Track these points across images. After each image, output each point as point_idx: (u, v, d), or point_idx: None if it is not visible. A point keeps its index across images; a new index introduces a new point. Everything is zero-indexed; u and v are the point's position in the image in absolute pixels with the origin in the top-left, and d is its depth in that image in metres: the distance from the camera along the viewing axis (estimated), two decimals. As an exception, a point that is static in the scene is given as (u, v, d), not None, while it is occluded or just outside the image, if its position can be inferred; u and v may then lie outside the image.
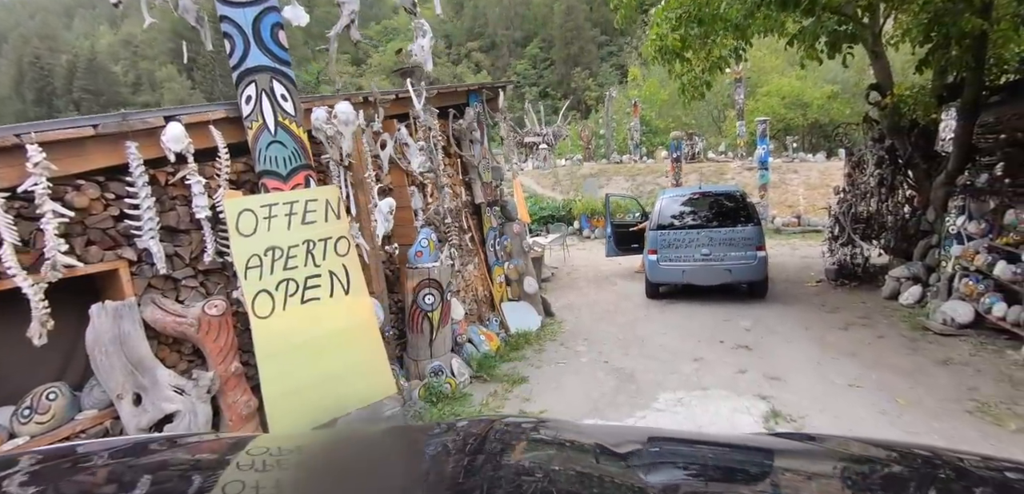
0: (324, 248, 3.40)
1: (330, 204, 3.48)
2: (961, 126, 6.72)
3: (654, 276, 7.75)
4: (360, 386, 3.45)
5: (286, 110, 3.32)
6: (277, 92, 3.28)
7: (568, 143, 24.15)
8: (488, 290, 6.62)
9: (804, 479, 0.94)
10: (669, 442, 1.15)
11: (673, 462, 1.01)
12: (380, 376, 3.51)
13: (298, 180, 3.38)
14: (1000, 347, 4.88)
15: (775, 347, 5.41)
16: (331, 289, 3.40)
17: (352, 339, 3.45)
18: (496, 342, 5.83)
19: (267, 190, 3.34)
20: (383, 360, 3.55)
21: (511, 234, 6.95)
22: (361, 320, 3.51)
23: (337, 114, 3.34)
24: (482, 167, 6.42)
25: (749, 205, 7.62)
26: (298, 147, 3.38)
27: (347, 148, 3.46)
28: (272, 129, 3.27)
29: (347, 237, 3.53)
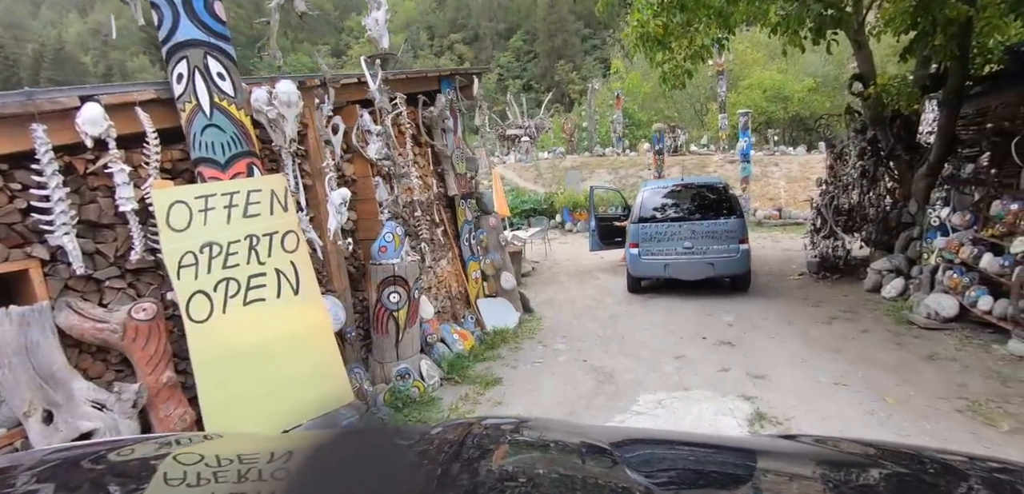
0: (269, 244, 3.08)
1: (276, 195, 3.15)
2: (944, 116, 6.62)
3: (636, 270, 7.54)
4: (313, 394, 3.14)
5: (223, 90, 2.98)
6: (212, 70, 2.94)
7: (550, 136, 23.91)
8: (463, 286, 6.33)
9: (787, 480, 0.92)
10: (660, 444, 1.13)
11: (664, 463, 0.98)
12: (335, 382, 3.20)
13: (239, 168, 3.05)
14: (985, 341, 4.76)
15: (758, 343, 5.23)
16: (278, 289, 3.08)
17: (303, 343, 3.13)
18: (471, 341, 5.55)
19: (204, 180, 3.00)
20: (338, 365, 3.25)
21: (487, 228, 6.67)
22: (313, 322, 3.20)
23: (278, 95, 3.01)
24: (456, 157, 6.11)
25: (732, 197, 7.45)
26: (239, 132, 3.05)
27: (290, 132, 3.13)
28: (207, 111, 2.93)
29: (296, 231, 3.21)
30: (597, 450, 0.95)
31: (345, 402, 3.30)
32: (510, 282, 6.68)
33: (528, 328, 6.33)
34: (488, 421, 1.11)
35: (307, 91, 3.72)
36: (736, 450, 1.07)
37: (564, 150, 21.92)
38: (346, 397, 3.28)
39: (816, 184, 9.19)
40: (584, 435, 1.10)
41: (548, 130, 23.66)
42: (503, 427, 1.10)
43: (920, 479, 0.89)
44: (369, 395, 4.16)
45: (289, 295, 3.11)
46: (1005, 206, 4.63)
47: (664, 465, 0.97)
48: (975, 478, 0.87)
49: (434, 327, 5.14)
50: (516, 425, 1.14)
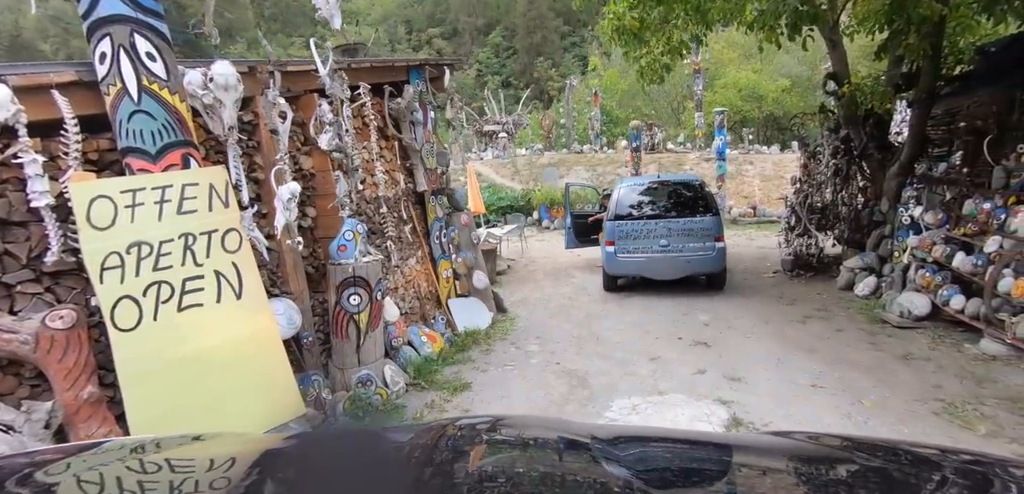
0: (208, 243, 2.79)
1: (216, 189, 2.87)
2: (916, 115, 6.64)
3: (611, 268, 7.41)
4: (258, 407, 2.88)
5: (154, 73, 2.68)
6: (140, 49, 2.64)
7: (529, 132, 23.74)
8: (433, 286, 6.09)
9: (760, 475, 0.92)
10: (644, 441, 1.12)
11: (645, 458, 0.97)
12: (284, 393, 2.94)
13: (172, 160, 2.75)
14: (957, 340, 4.74)
15: (734, 343, 5.13)
16: (218, 293, 2.80)
17: (247, 351, 2.86)
18: (440, 343, 5.31)
19: (132, 172, 2.70)
20: (287, 374, 2.99)
21: (459, 225, 6.43)
22: (258, 328, 2.93)
23: (214, 78, 2.72)
24: (425, 152, 5.86)
25: (708, 194, 7.37)
26: (172, 119, 2.75)
27: (229, 119, 2.85)
28: (135, 95, 2.63)
29: (239, 229, 2.93)
30: (580, 446, 0.95)
31: (296, 414, 3.05)
32: (483, 281, 6.46)
33: (501, 329, 6.13)
34: (463, 422, 1.09)
35: (251, 76, 3.43)
36: (721, 446, 1.05)
37: (542, 147, 21.76)
38: (297, 409, 3.02)
39: (791, 182, 9.20)
40: (570, 430, 1.10)
41: (526, 127, 23.50)
42: (478, 427, 1.09)
43: (913, 475, 0.88)
44: (328, 404, 3.90)
45: (231, 299, 2.83)
46: (977, 205, 4.61)
47: (645, 461, 0.96)
48: (970, 473, 0.87)
49: (400, 330, 4.89)
50: (492, 423, 1.13)
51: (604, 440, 0.98)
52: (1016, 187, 4.44)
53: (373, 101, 5.16)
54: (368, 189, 4.92)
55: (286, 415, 2.95)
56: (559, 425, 1.24)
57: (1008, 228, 4.14)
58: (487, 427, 1.11)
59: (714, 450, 1.04)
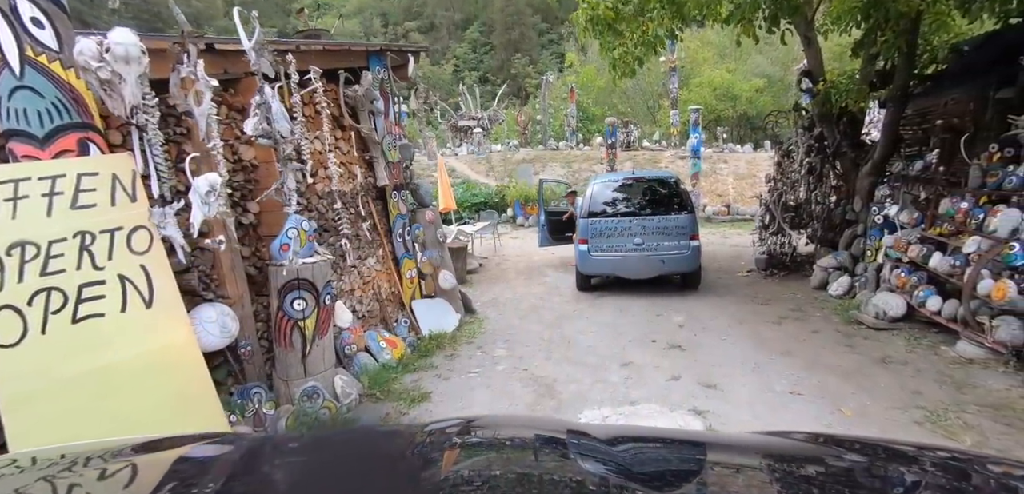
0: (110, 243, 2.40)
1: (120, 180, 2.47)
2: (890, 114, 6.58)
3: (585, 267, 7.17)
4: (174, 430, 2.49)
5: (42, 42, 2.27)
6: (24, 13, 2.23)
7: (504, 128, 23.42)
8: (395, 287, 5.73)
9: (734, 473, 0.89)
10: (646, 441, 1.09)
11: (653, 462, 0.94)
12: (204, 413, 2.57)
13: (65, 145, 2.35)
14: (933, 341, 4.63)
15: (709, 346, 4.93)
16: (123, 300, 2.41)
17: (158, 367, 2.48)
18: (400, 349, 4.97)
19: (15, 159, 2.29)
20: (207, 392, 2.62)
21: (424, 222, 6.09)
22: (172, 340, 2.55)
23: (111, 48, 2.32)
24: (387, 144, 5.49)
25: (683, 192, 7.19)
26: (66, 98, 2.34)
27: (132, 98, 2.45)
28: (16, 69, 2.22)
29: (148, 227, 2.55)
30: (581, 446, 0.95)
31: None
32: (449, 281, 6.13)
33: (468, 331, 5.81)
34: (433, 426, 1.10)
35: (159, 53, 3.02)
36: (720, 446, 1.03)
37: (518, 143, 21.47)
38: (220, 429, 2.65)
39: (765, 180, 9.12)
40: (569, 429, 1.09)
41: (502, 122, 23.17)
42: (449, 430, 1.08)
43: (913, 474, 0.87)
44: (268, 420, 3.53)
45: (138, 307, 2.45)
46: (955, 204, 4.50)
47: (644, 462, 0.94)
48: (982, 476, 0.85)
49: (356, 335, 4.53)
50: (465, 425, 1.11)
51: (602, 440, 0.96)
52: (992, 186, 4.33)
53: (328, 88, 4.78)
54: (320, 183, 4.54)
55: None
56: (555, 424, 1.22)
57: (987, 228, 4.03)
58: (462, 428, 1.08)
59: (714, 450, 1.00)
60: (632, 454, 0.95)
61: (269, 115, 3.13)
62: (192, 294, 3.40)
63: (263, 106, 3.11)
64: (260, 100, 3.12)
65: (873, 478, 0.88)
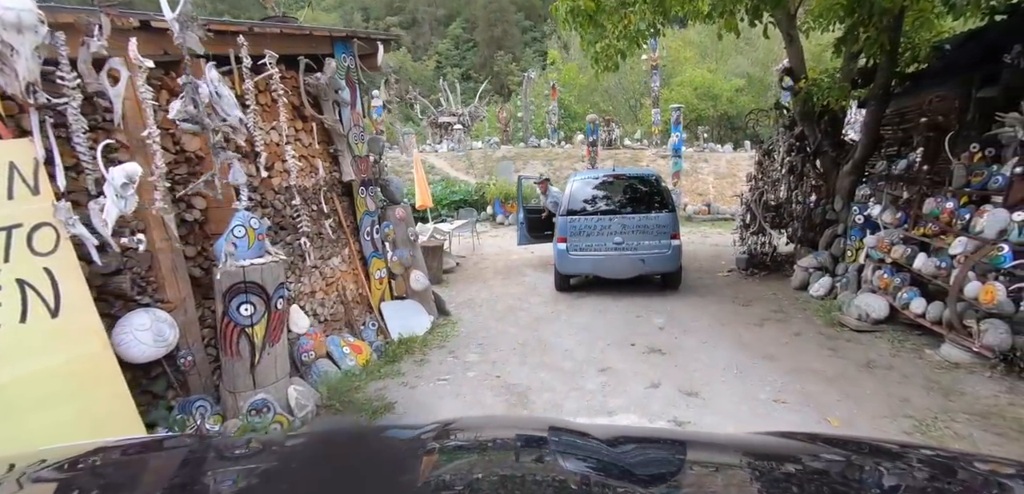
0: (6, 243, 2.07)
1: (19, 171, 2.14)
2: (871, 113, 6.49)
3: (563, 267, 6.94)
4: (87, 457, 2.17)
5: (-84, 3, 1.93)
6: None
7: (485, 125, 23.12)
8: (363, 289, 5.42)
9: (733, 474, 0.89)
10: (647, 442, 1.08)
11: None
12: (120, 435, 2.24)
13: (-53, 126, 2.02)
14: (917, 344, 4.52)
15: (690, 350, 4.74)
16: (23, 309, 2.09)
17: (67, 384, 2.16)
18: (366, 355, 4.67)
19: None
20: (125, 409, 2.30)
21: (394, 220, 5.78)
22: (82, 352, 2.22)
23: (1, 16, 1.98)
24: (353, 137, 5.17)
25: (664, 190, 7.01)
26: (-52, 70, 2.01)
27: (27, 73, 2.12)
28: None
29: (54, 224, 2.22)
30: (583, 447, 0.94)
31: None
32: (421, 282, 5.83)
33: (441, 334, 5.53)
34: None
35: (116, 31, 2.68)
36: (722, 447, 1.01)
37: (499, 140, 21.19)
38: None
39: (746, 180, 9.02)
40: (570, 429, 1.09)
41: (483, 119, 22.87)
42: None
43: (913, 475, 0.87)
44: (213, 437, 3.20)
45: (41, 316, 2.12)
46: (939, 204, 4.38)
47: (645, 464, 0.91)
48: (981, 476, 0.85)
49: (316, 341, 4.22)
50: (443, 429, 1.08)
51: (603, 441, 0.96)
52: (977, 187, 4.22)
53: (287, 75, 4.45)
54: (277, 177, 4.21)
55: (129, 464, 2.26)
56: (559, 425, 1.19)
57: (973, 229, 3.91)
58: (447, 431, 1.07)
59: (715, 451, 1.00)
60: (633, 454, 0.94)
61: (196, 97, 2.80)
62: (123, 299, 3.07)
63: (189, 87, 2.78)
64: (185, 80, 2.78)
65: (873, 478, 0.87)
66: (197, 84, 2.81)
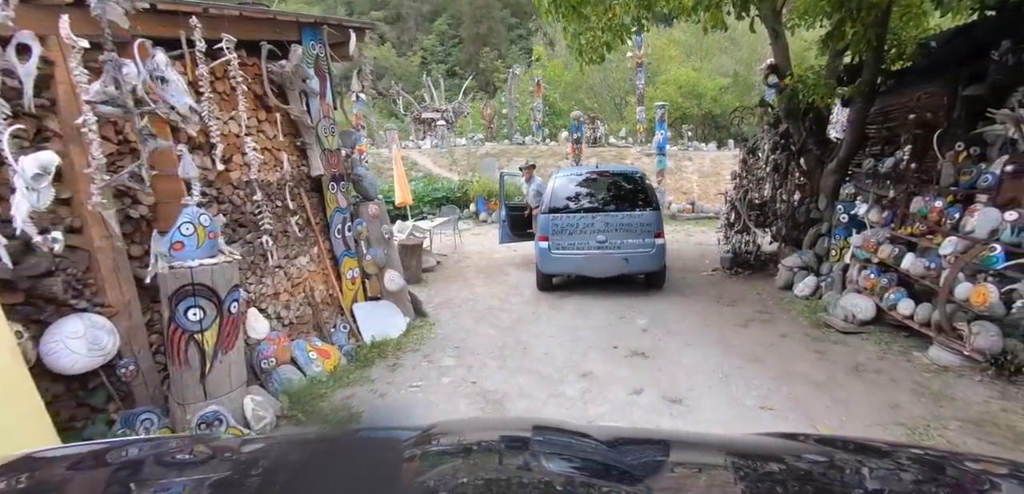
0: None
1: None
2: (856, 110, 6.40)
3: (545, 266, 6.74)
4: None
5: None
6: None
7: (469, 122, 22.83)
8: (334, 289, 5.15)
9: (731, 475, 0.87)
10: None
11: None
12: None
13: None
14: (904, 346, 4.41)
15: (674, 353, 4.58)
16: (-90, 316, 1.80)
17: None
18: (334, 359, 4.41)
19: None
20: (43, 428, 2.03)
21: (367, 217, 5.51)
22: (-15, 368, 1.95)
23: None
24: (322, 129, 4.90)
25: (648, 188, 6.85)
26: None
27: None
28: None
29: (-51, 218, 1.94)
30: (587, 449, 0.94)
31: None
32: (396, 282, 5.58)
33: (416, 337, 5.30)
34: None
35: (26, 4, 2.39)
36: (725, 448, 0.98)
37: (483, 137, 20.90)
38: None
39: (731, 177, 8.92)
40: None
41: (467, 115, 22.58)
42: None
43: (917, 477, 0.86)
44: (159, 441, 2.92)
45: (-67, 326, 1.85)
46: (928, 203, 4.27)
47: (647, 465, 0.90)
48: (980, 477, 0.85)
49: (279, 346, 3.95)
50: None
51: (603, 441, 0.94)
52: (965, 186, 4.12)
53: (248, 62, 4.17)
54: (236, 170, 3.93)
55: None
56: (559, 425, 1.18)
57: (963, 228, 3.79)
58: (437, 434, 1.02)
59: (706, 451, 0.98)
60: (632, 455, 0.93)
61: (119, 77, 2.52)
62: (55, 303, 2.78)
63: (110, 65, 2.50)
64: (106, 57, 2.50)
65: (873, 478, 0.87)
66: (120, 63, 2.53)
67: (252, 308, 3.67)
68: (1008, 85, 4.55)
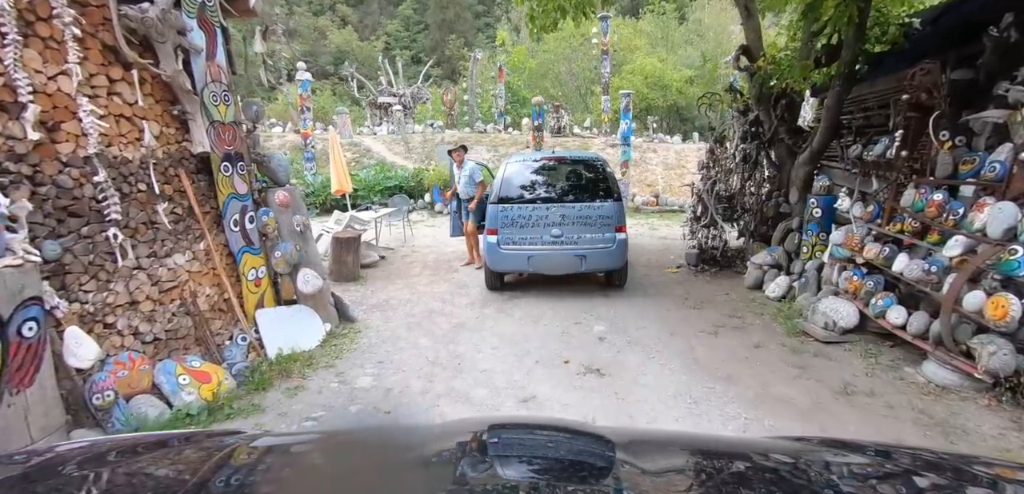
0: None
1: None
2: (834, 96, 5.85)
3: (495, 263, 5.97)
4: None
5: None
6: None
7: (429, 108, 21.77)
8: (228, 293, 4.22)
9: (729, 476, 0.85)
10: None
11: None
12: None
13: None
14: (894, 360, 3.86)
15: (636, 370, 3.89)
16: None
17: None
18: (215, 383, 3.51)
19: None
20: None
21: (274, 206, 4.60)
22: None
23: None
24: (210, 96, 3.95)
25: (609, 176, 6.14)
26: None
27: None
28: None
29: None
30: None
31: None
32: (312, 283, 4.69)
33: (334, 348, 4.45)
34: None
35: None
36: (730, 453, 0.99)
37: (443, 124, 19.92)
38: None
39: (698, 168, 8.35)
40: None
41: (426, 101, 21.51)
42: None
43: (921, 481, 0.84)
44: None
45: None
46: (924, 196, 3.70)
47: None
48: (980, 479, 0.84)
49: (131, 372, 3.03)
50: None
51: (605, 440, 0.93)
52: (966, 176, 3.56)
53: (94, 2, 3.19)
54: (66, 142, 2.96)
55: None
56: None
57: (970, 226, 3.23)
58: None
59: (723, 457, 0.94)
60: (632, 456, 0.90)
61: None
62: None
63: None
64: None
65: (871, 480, 0.85)
66: None
67: (74, 327, 2.74)
68: (1004, 67, 4.04)
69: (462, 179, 7.49)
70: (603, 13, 19.14)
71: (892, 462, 0.94)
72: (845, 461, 0.93)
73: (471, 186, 7.32)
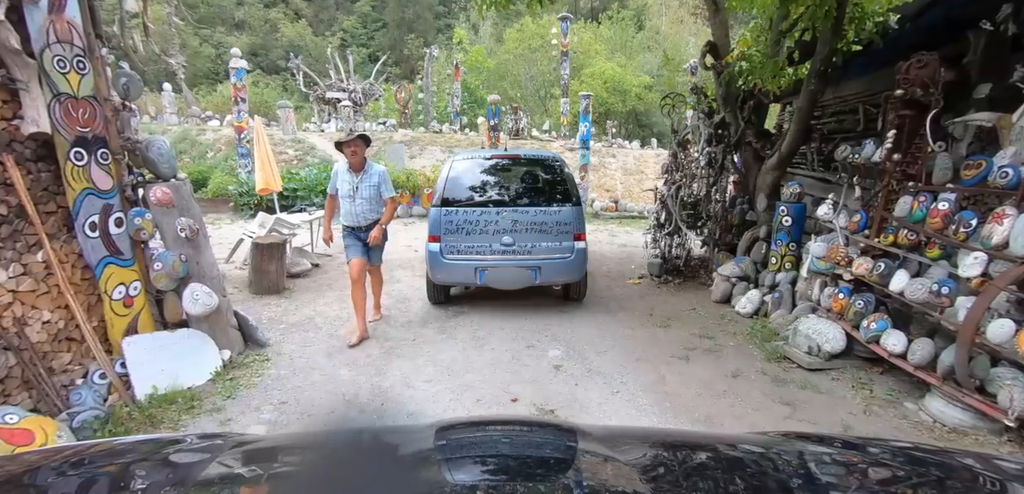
0: None
1: None
2: (806, 96, 5.45)
3: (438, 274, 5.21)
4: None
5: None
6: None
7: (382, 105, 20.70)
8: (79, 319, 3.27)
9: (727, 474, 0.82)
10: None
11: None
12: None
13: None
14: (890, 392, 3.37)
15: (598, 408, 3.24)
16: None
17: None
18: (41, 443, 2.58)
19: None
20: None
21: (152, 205, 3.66)
22: None
23: None
24: (53, 61, 3.01)
25: (568, 178, 5.49)
26: None
27: None
28: None
29: None
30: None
31: None
32: (203, 301, 3.77)
33: (229, 385, 3.57)
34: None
35: None
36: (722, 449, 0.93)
37: (396, 123, 18.92)
38: None
39: (662, 171, 7.86)
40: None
41: (379, 98, 20.43)
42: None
43: (916, 477, 0.83)
44: None
45: None
46: (923, 204, 3.23)
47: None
48: (979, 476, 0.81)
49: None
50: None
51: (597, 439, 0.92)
52: (968, 183, 3.11)
53: None
54: None
55: None
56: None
57: (986, 240, 2.75)
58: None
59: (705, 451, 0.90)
60: (625, 454, 0.87)
61: None
62: None
63: None
64: None
65: (869, 477, 0.83)
66: None
67: None
68: (996, 63, 3.67)
69: (362, 191, 4.45)
70: (563, 14, 18.74)
71: (864, 455, 0.92)
72: (818, 452, 0.90)
73: (376, 204, 4.55)
